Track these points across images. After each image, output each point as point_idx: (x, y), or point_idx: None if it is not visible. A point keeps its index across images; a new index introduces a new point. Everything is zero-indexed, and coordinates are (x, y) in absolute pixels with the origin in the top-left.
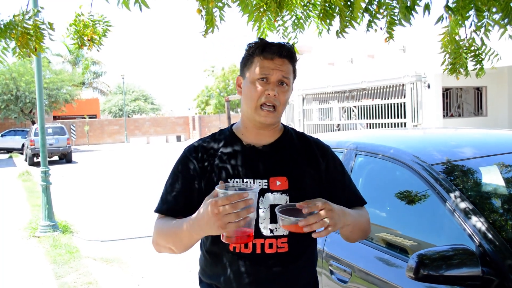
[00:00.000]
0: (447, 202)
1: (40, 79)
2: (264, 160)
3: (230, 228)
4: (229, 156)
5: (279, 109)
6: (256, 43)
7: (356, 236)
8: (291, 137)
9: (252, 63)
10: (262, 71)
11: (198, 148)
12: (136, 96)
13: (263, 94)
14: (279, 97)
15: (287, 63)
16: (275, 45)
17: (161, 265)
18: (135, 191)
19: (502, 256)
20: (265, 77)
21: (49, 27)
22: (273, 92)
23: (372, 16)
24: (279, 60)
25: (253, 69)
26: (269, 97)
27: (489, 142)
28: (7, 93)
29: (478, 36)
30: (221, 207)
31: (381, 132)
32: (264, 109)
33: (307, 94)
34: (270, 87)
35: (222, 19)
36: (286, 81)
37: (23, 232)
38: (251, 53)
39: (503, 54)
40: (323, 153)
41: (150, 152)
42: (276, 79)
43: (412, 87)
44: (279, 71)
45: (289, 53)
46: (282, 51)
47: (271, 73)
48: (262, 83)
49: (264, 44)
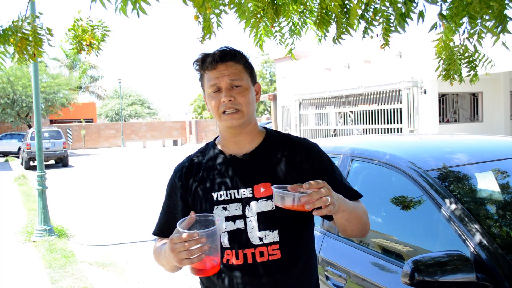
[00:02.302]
0: (442, 208)
1: (37, 83)
2: (246, 168)
3: (185, 263)
4: (213, 170)
5: (243, 110)
6: (196, 60)
7: (353, 226)
8: (273, 141)
9: (204, 79)
10: (210, 83)
11: (183, 167)
12: (133, 100)
13: (220, 104)
14: (238, 99)
15: (232, 65)
16: (212, 53)
17: (158, 270)
18: (132, 195)
19: (496, 262)
20: (216, 88)
21: (47, 33)
22: (226, 98)
23: (368, 23)
24: (222, 66)
25: (206, 85)
26: (225, 104)
27: (485, 148)
28: (4, 96)
29: (471, 43)
30: (175, 245)
31: (377, 137)
32: (227, 113)
33: (303, 99)
34: (223, 95)
35: (219, 26)
36: (237, 83)
37: (19, 236)
38: (198, 70)
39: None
40: (307, 153)
41: (146, 156)
42: (226, 85)
43: (408, 92)
44: (224, 76)
45: (230, 55)
46: (220, 57)
47: (218, 82)
48: (215, 94)
49: (203, 57)
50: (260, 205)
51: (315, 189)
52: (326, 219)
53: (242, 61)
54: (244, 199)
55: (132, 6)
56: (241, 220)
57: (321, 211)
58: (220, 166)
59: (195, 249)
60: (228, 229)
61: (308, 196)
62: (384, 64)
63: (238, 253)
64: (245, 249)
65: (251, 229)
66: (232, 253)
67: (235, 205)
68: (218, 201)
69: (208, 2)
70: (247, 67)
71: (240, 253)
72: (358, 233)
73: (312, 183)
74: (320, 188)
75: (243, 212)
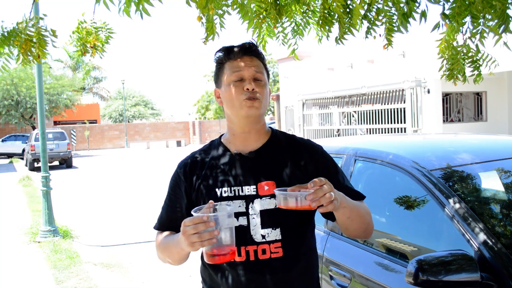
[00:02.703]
0: (446, 208)
1: (41, 84)
2: (251, 166)
3: (195, 247)
4: (217, 166)
5: (262, 101)
6: (221, 50)
7: (355, 225)
8: (279, 141)
9: (224, 69)
10: (235, 72)
11: (187, 163)
12: (136, 101)
13: (242, 92)
14: (259, 90)
15: (256, 60)
16: (239, 46)
17: (162, 270)
18: (136, 196)
19: (501, 262)
20: (239, 77)
21: (52, 34)
22: (250, 86)
23: (371, 23)
24: (247, 58)
25: (227, 74)
26: (248, 92)
27: (489, 148)
28: (8, 98)
29: (474, 42)
30: (186, 227)
31: (381, 137)
32: (248, 100)
33: (307, 99)
34: (247, 83)
35: (222, 26)
36: (260, 77)
37: (24, 237)
38: (220, 61)
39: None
40: (312, 154)
41: (150, 157)
42: (250, 75)
43: (412, 92)
44: (250, 67)
45: (255, 50)
46: (247, 49)
47: (243, 71)
48: (238, 83)
49: (228, 48)
50: (263, 203)
51: (318, 186)
52: (329, 220)
53: (263, 58)
54: (248, 197)
55: (135, 8)
56: (244, 217)
57: (326, 208)
58: (225, 163)
59: (204, 233)
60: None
61: (313, 194)
62: (388, 64)
63: (240, 250)
64: (248, 246)
65: (254, 226)
66: None
67: (238, 202)
68: (221, 198)
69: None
70: (265, 64)
71: (242, 250)
72: (361, 232)
73: (316, 181)
74: (323, 185)
75: (247, 209)
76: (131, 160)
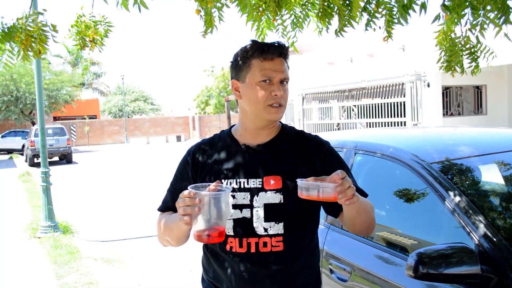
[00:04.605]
0: (446, 201)
1: (40, 80)
2: (258, 159)
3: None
4: (225, 157)
5: (284, 106)
6: (253, 45)
7: (362, 219)
8: (288, 136)
9: (251, 66)
10: (265, 73)
11: (196, 150)
12: (135, 96)
13: (269, 96)
14: (284, 96)
15: (284, 62)
16: (273, 46)
17: (162, 265)
18: (136, 191)
19: (501, 254)
20: (268, 79)
21: (52, 29)
22: (279, 92)
23: (370, 15)
24: (279, 60)
25: (254, 72)
26: (276, 98)
27: (489, 141)
28: (7, 94)
29: (474, 34)
30: (179, 199)
31: (380, 131)
32: (274, 106)
33: (306, 93)
34: (276, 88)
35: (221, 20)
36: (286, 80)
37: (24, 233)
38: (249, 55)
39: (502, 53)
40: (319, 150)
41: (150, 152)
42: (278, 79)
43: (411, 86)
44: (280, 72)
45: (286, 52)
46: (281, 51)
47: (273, 74)
48: (265, 84)
49: (263, 46)
50: (268, 197)
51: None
52: (331, 215)
53: (288, 61)
54: (253, 189)
55: (133, 1)
56: (248, 209)
57: (350, 200)
58: (233, 154)
59: (187, 207)
60: (234, 217)
61: (341, 186)
62: (387, 57)
63: (242, 241)
64: (249, 238)
65: (257, 219)
66: (235, 241)
67: (243, 194)
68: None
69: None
70: (288, 66)
71: (244, 242)
72: (366, 227)
73: (339, 173)
74: (345, 177)
75: (251, 202)
76: (131, 155)
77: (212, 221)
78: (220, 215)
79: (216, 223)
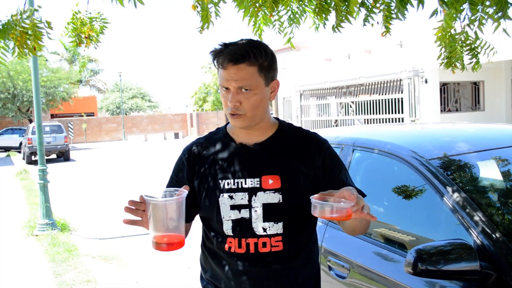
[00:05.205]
0: (445, 197)
1: (37, 77)
2: (256, 158)
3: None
4: (222, 156)
5: (247, 114)
6: (211, 52)
7: (361, 226)
8: (286, 134)
9: (218, 72)
10: (220, 81)
11: (192, 149)
12: (133, 93)
13: (227, 104)
14: (243, 104)
15: (244, 67)
16: (225, 52)
17: (160, 262)
18: (133, 188)
19: (500, 251)
20: (224, 87)
21: (47, 26)
22: (232, 103)
23: (368, 10)
24: (233, 68)
25: (218, 77)
26: (230, 108)
27: (487, 137)
28: (4, 91)
29: (472, 30)
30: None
31: (378, 127)
32: (232, 116)
33: (304, 90)
34: (230, 97)
35: (217, 15)
36: (246, 87)
37: (21, 230)
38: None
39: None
40: (319, 148)
41: (148, 149)
42: (233, 90)
43: (409, 82)
44: (232, 80)
45: (243, 57)
46: (233, 58)
47: (226, 84)
48: (225, 92)
49: (217, 52)
50: (267, 197)
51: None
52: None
53: (258, 61)
54: (251, 189)
55: None
56: (246, 209)
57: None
58: (230, 154)
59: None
60: (232, 218)
61: (357, 205)
62: (385, 54)
63: (241, 242)
64: (248, 239)
65: (256, 219)
66: (234, 241)
67: (241, 194)
68: (224, 189)
69: None
70: (263, 67)
71: (243, 242)
72: (363, 230)
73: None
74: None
75: (249, 202)
76: (129, 153)
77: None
78: (177, 223)
79: (173, 230)
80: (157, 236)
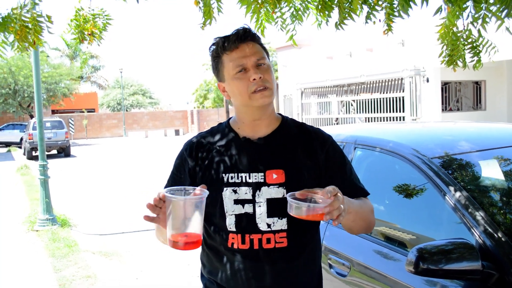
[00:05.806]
0: (447, 196)
1: (38, 73)
2: (260, 153)
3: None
4: (225, 151)
5: (271, 87)
6: (216, 43)
7: (359, 226)
8: (289, 128)
9: (223, 62)
10: (236, 63)
11: (194, 145)
12: (134, 90)
13: (249, 83)
14: (265, 77)
15: (253, 44)
16: (232, 35)
17: (160, 258)
18: (134, 185)
19: (502, 250)
20: (241, 68)
21: (47, 20)
22: (257, 75)
23: (371, 8)
24: (244, 45)
25: (227, 66)
26: (256, 82)
27: (488, 136)
28: (5, 87)
29: (475, 27)
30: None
31: (380, 125)
32: (258, 91)
33: (305, 88)
34: (252, 73)
35: (220, 11)
36: (262, 61)
37: (22, 226)
38: (217, 54)
39: (502, 48)
40: (322, 143)
41: (148, 146)
42: (252, 64)
43: (411, 81)
44: (251, 55)
45: (250, 34)
46: (242, 36)
47: (244, 61)
48: (241, 74)
49: (223, 39)
50: (271, 191)
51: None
52: None
53: (259, 41)
54: (255, 184)
55: None
56: (250, 204)
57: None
58: (233, 148)
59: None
60: (236, 213)
61: (330, 206)
62: (387, 52)
63: (244, 237)
64: (252, 235)
65: (260, 215)
66: (237, 237)
67: (245, 188)
68: (228, 183)
69: None
70: (264, 48)
71: (246, 238)
72: (363, 230)
73: (331, 190)
74: (337, 194)
75: (253, 197)
76: (130, 149)
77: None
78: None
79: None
80: (175, 234)
